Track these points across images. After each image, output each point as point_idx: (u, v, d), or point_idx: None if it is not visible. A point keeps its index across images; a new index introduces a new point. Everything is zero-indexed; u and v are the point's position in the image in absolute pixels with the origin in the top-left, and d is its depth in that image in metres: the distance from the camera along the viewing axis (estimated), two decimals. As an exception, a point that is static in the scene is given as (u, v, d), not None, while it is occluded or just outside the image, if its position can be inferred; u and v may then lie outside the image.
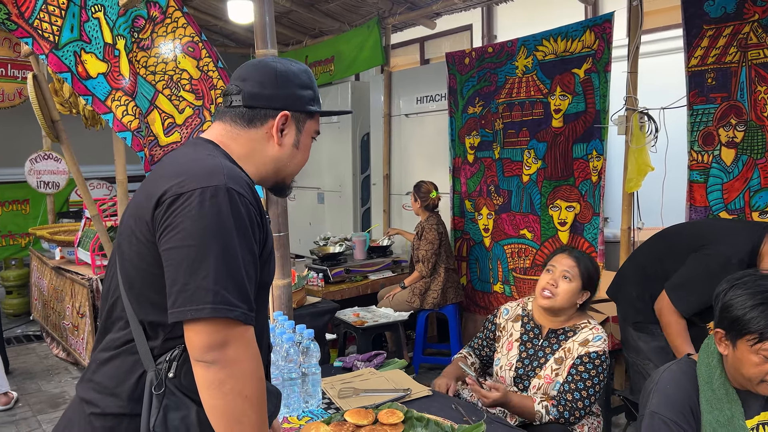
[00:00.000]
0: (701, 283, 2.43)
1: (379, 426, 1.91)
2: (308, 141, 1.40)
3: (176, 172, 1.20)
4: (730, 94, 3.23)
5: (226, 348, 1.11)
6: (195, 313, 1.10)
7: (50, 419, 3.85)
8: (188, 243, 1.12)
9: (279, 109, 1.33)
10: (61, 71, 2.15)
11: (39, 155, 5.78)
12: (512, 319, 2.45)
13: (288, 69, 1.36)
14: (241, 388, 1.13)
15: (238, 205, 1.16)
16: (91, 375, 1.25)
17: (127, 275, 1.22)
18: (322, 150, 6.28)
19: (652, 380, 1.66)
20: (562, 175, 3.99)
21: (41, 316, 5.44)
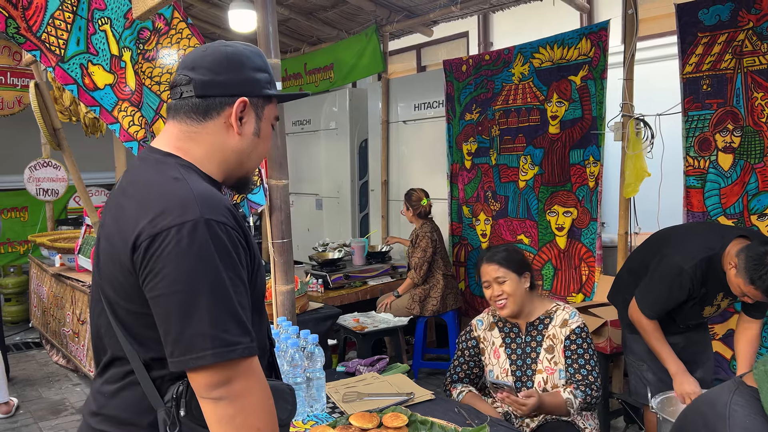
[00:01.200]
0: (660, 290, 2.55)
1: (384, 429, 1.93)
2: (269, 128, 1.31)
3: (145, 206, 1.12)
4: (726, 101, 3.28)
5: (231, 384, 1.08)
6: (196, 361, 1.06)
7: (51, 426, 3.86)
8: (175, 289, 1.06)
9: (236, 95, 1.23)
10: (67, 83, 2.18)
11: (38, 162, 5.80)
12: (488, 328, 2.47)
13: (240, 51, 1.25)
14: (252, 421, 1.10)
15: (219, 236, 1.09)
16: (100, 409, 1.22)
17: (120, 320, 1.16)
18: (321, 156, 6.32)
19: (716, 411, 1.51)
20: (559, 180, 4.03)
21: (41, 323, 5.44)
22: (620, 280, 2.98)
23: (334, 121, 6.18)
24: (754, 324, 2.61)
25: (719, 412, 1.49)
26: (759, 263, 2.22)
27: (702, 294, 2.54)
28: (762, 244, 2.30)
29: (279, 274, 2.44)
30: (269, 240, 2.45)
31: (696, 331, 2.79)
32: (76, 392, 4.44)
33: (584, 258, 3.95)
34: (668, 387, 2.71)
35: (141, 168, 1.24)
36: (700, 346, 2.81)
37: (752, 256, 2.26)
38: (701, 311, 2.65)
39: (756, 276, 2.23)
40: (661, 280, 2.57)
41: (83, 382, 4.62)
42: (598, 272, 3.88)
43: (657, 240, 2.83)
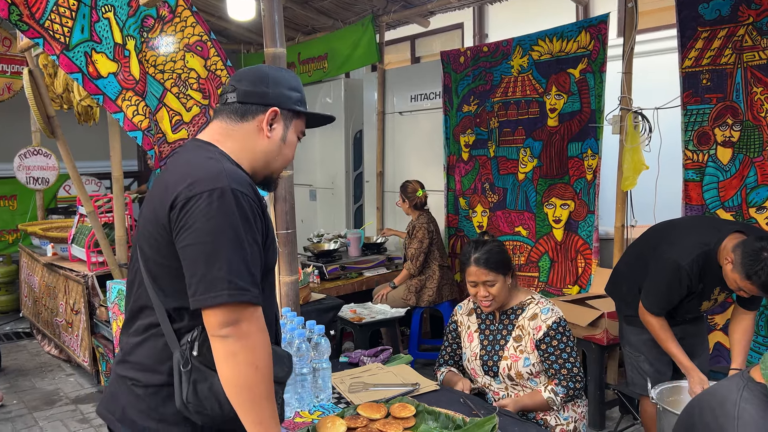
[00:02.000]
0: (662, 287, 2.59)
1: (392, 420, 1.94)
2: (294, 138, 1.55)
3: (183, 178, 1.35)
4: (725, 95, 3.30)
5: (239, 324, 1.29)
6: (214, 299, 1.27)
7: (46, 416, 3.83)
8: (202, 240, 1.29)
9: (269, 105, 1.48)
10: (72, 72, 2.15)
11: (28, 151, 5.72)
12: (467, 313, 2.54)
13: (279, 74, 1.54)
14: (253, 359, 1.30)
15: (241, 203, 1.31)
16: (126, 356, 1.44)
17: (150, 272, 1.39)
18: (315, 146, 6.28)
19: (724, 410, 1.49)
20: (558, 173, 4.04)
21: (31, 313, 5.38)
22: (617, 273, 3.01)
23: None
24: (748, 315, 2.65)
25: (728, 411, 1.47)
26: (755, 259, 2.25)
27: (699, 289, 2.57)
28: (758, 239, 2.32)
29: (283, 264, 2.43)
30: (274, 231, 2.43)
31: (693, 324, 2.82)
32: (70, 382, 4.41)
33: (581, 250, 3.97)
34: (665, 378, 2.74)
35: (183, 151, 1.51)
36: (697, 338, 2.85)
37: (748, 252, 2.28)
38: (699, 305, 2.68)
39: (752, 272, 2.26)
40: (661, 278, 2.60)
41: (77, 372, 4.58)
42: (595, 264, 3.91)
43: (654, 234, 2.85)
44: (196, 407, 1.33)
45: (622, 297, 2.89)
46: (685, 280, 2.51)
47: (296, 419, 2.03)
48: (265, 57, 2.33)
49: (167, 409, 1.38)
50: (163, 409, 1.38)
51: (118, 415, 1.42)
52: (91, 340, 4.17)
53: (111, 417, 1.45)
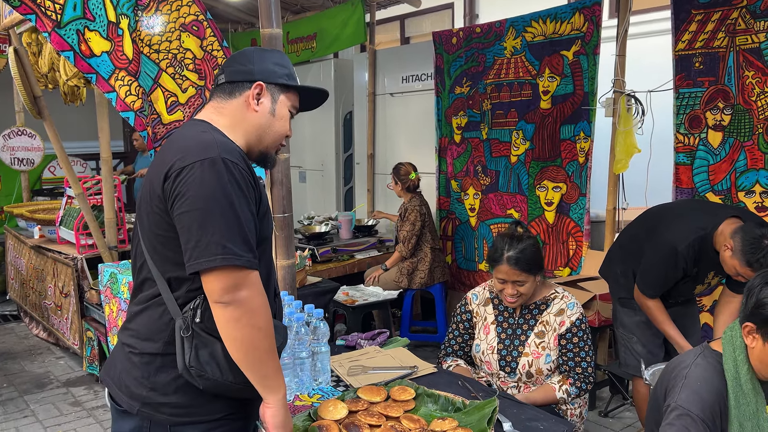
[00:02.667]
0: (657, 270, 2.63)
1: (392, 402, 1.95)
2: (284, 112, 1.58)
3: (176, 150, 1.40)
4: (717, 79, 3.31)
5: (238, 290, 1.34)
6: (208, 263, 1.32)
7: (37, 399, 3.81)
8: (196, 207, 1.33)
9: (254, 80, 1.53)
10: (64, 50, 2.10)
11: (12, 131, 5.62)
12: (482, 303, 2.47)
13: (264, 51, 1.60)
14: (255, 321, 1.36)
15: (233, 172, 1.36)
16: (128, 324, 1.51)
17: (149, 242, 1.45)
18: (304, 128, 6.23)
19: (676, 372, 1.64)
20: (550, 156, 4.05)
21: (19, 295, 5.33)
22: (612, 255, 3.04)
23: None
24: (735, 298, 2.68)
25: (680, 372, 1.65)
26: (756, 246, 2.28)
27: (694, 273, 2.60)
28: (758, 226, 2.35)
29: (280, 248, 2.42)
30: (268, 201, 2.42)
31: (684, 306, 2.87)
32: (60, 365, 4.39)
33: (572, 233, 4.00)
34: (657, 359, 2.79)
35: (178, 131, 1.57)
36: (690, 319, 2.89)
37: (749, 239, 2.31)
38: (693, 289, 2.72)
39: (753, 259, 2.29)
40: (657, 261, 2.63)
41: (66, 355, 4.56)
42: (586, 247, 3.94)
43: (650, 217, 2.87)
44: (197, 371, 1.38)
45: (615, 279, 2.92)
46: (681, 264, 2.54)
47: (296, 402, 2.04)
48: (261, 38, 2.30)
49: (159, 378, 1.42)
50: (155, 378, 1.43)
51: (116, 380, 1.48)
52: (81, 323, 4.14)
53: (110, 381, 1.51)
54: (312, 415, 1.85)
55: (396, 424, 1.80)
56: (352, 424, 1.77)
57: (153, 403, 1.42)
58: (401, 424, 1.80)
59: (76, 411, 3.65)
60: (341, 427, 1.77)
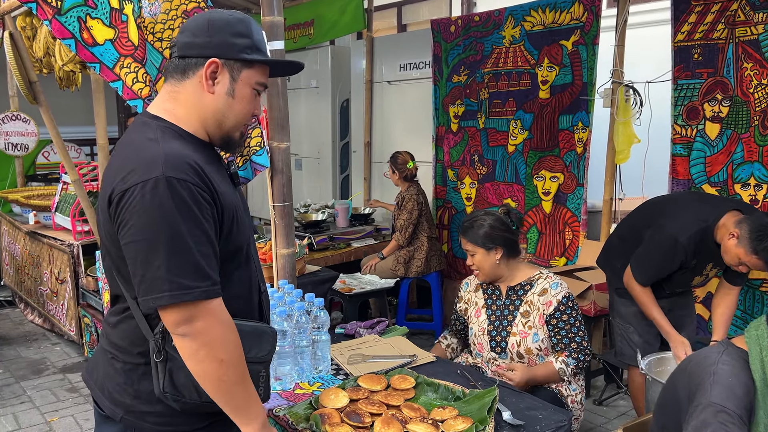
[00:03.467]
0: (655, 259, 2.64)
1: (392, 391, 1.97)
2: (246, 91, 1.39)
3: (121, 165, 1.28)
4: (716, 70, 3.32)
5: (193, 322, 1.24)
6: (155, 302, 1.22)
7: (34, 386, 3.82)
8: (138, 238, 1.22)
9: (209, 56, 1.34)
10: (65, 38, 2.07)
11: (6, 116, 5.57)
12: (473, 289, 2.59)
13: (222, 18, 1.36)
14: (215, 353, 1.26)
15: (178, 192, 1.22)
16: (108, 331, 1.43)
17: (114, 263, 1.34)
18: (300, 115, 6.21)
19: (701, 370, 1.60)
20: (548, 145, 4.06)
21: (14, 281, 5.31)
22: (610, 246, 3.05)
23: (315, 79, 6.06)
24: (733, 291, 2.72)
25: (707, 369, 1.58)
26: (763, 234, 2.30)
27: (693, 265, 2.62)
28: (765, 215, 2.38)
29: (280, 237, 2.42)
30: (270, 203, 2.42)
31: (681, 297, 2.89)
32: (56, 351, 4.39)
33: (569, 222, 4.01)
34: (653, 349, 2.81)
35: (130, 130, 1.40)
36: (685, 310, 2.92)
37: (756, 227, 2.33)
38: (690, 280, 2.75)
39: (760, 247, 2.31)
40: (656, 250, 2.64)
41: (62, 341, 4.56)
42: (582, 237, 3.96)
43: (649, 208, 2.89)
44: (174, 396, 1.31)
45: (613, 270, 2.94)
46: (679, 255, 2.56)
47: (297, 390, 2.05)
48: (262, 26, 2.28)
49: (142, 386, 1.35)
50: (138, 386, 1.36)
51: (99, 384, 1.42)
52: (78, 310, 4.13)
53: (92, 384, 1.45)
54: (313, 403, 1.87)
55: (397, 413, 1.82)
56: (353, 412, 1.79)
57: (137, 411, 1.35)
58: (402, 413, 1.82)
59: (73, 397, 3.66)
60: (342, 416, 1.79)
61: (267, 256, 2.77)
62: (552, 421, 1.86)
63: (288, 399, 1.99)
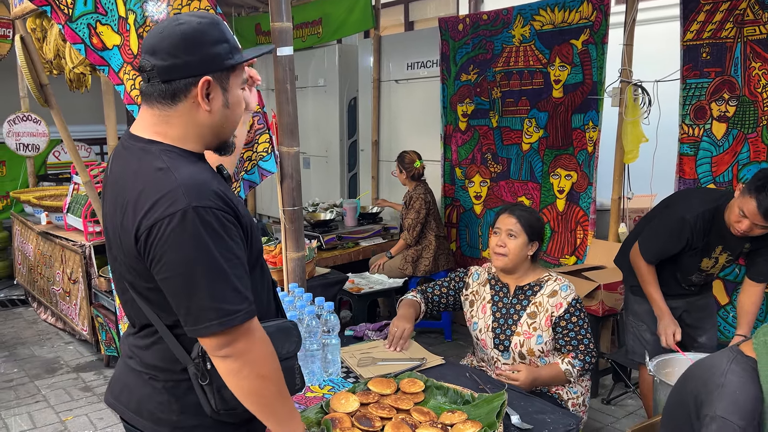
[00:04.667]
0: (661, 236, 2.69)
1: (402, 395, 1.99)
2: (237, 94, 1.37)
3: (138, 200, 1.24)
4: (724, 69, 3.31)
5: (235, 343, 1.26)
6: (206, 330, 1.24)
7: (48, 384, 3.87)
8: (176, 272, 1.22)
9: (198, 75, 1.28)
10: (75, 43, 2.12)
11: (18, 117, 5.62)
12: (482, 283, 2.56)
13: (194, 29, 1.27)
14: (258, 370, 1.29)
15: (207, 220, 1.22)
16: (140, 355, 1.40)
17: (143, 296, 1.33)
18: (308, 113, 6.23)
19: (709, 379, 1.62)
20: (563, 144, 4.06)
21: (26, 281, 5.38)
22: (627, 245, 3.05)
23: (323, 78, 6.08)
24: (758, 287, 2.72)
25: (715, 380, 1.58)
26: (762, 177, 2.35)
27: (702, 245, 2.64)
28: None
29: (290, 241, 2.44)
30: (280, 207, 2.44)
31: (699, 296, 2.88)
32: (69, 350, 4.44)
33: (580, 221, 4.02)
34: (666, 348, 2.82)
35: (127, 157, 1.34)
36: (704, 312, 2.90)
37: (757, 175, 2.39)
38: (699, 262, 2.73)
39: (754, 186, 2.35)
40: (662, 227, 2.68)
41: (75, 340, 4.61)
42: (591, 235, 3.97)
43: (664, 202, 2.92)
44: (227, 412, 1.33)
45: (629, 268, 2.94)
46: (686, 233, 2.58)
47: (307, 394, 2.08)
48: (271, 32, 2.30)
49: (188, 400, 1.36)
50: (184, 401, 1.36)
51: (133, 406, 1.40)
52: (90, 310, 4.18)
53: (123, 408, 1.43)
54: (324, 408, 1.89)
55: (406, 417, 1.84)
56: (363, 416, 1.81)
57: (184, 426, 1.36)
58: (411, 417, 1.84)
59: (87, 396, 3.71)
60: (353, 420, 1.81)
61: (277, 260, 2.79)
62: (560, 425, 1.87)
63: (299, 402, 2.02)
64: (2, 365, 4.17)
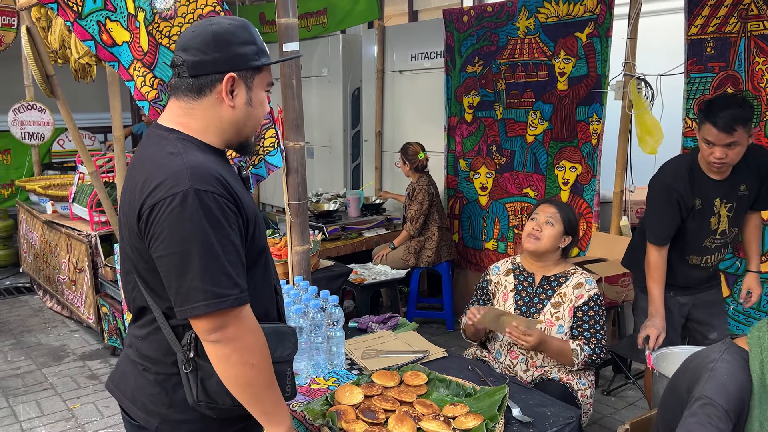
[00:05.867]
0: (655, 210, 2.69)
1: (405, 387, 2.02)
2: (261, 95, 1.44)
3: (146, 179, 1.30)
4: (728, 64, 3.32)
5: (225, 328, 1.28)
6: (192, 311, 1.26)
7: (55, 372, 3.92)
8: (171, 250, 1.26)
9: (224, 72, 1.35)
10: (85, 39, 2.14)
11: (22, 105, 5.64)
12: (503, 273, 2.61)
13: (225, 29, 1.36)
14: (246, 358, 1.30)
15: (207, 203, 1.26)
16: (134, 344, 1.45)
17: (142, 277, 1.38)
18: (312, 103, 6.24)
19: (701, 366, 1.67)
20: (568, 136, 4.07)
21: (32, 269, 5.42)
22: (634, 245, 3.03)
23: (327, 68, 6.08)
24: (755, 214, 2.80)
25: (706, 365, 1.66)
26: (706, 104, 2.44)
27: (699, 206, 2.61)
28: None
29: (295, 234, 2.47)
30: (285, 201, 2.47)
31: (707, 293, 2.87)
32: (75, 338, 4.49)
33: (584, 213, 4.04)
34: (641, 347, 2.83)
35: (147, 143, 1.43)
36: (714, 308, 2.88)
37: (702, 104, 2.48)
38: (708, 226, 2.68)
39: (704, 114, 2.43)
40: (652, 203, 2.70)
41: (80, 328, 4.66)
42: (595, 228, 3.99)
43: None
44: (208, 404, 1.35)
45: (639, 267, 2.93)
46: (673, 194, 2.58)
47: (312, 386, 2.12)
48: (277, 28, 2.32)
49: (177, 395, 1.39)
50: (173, 395, 1.39)
51: (129, 395, 1.45)
52: (96, 299, 4.23)
53: (121, 395, 1.47)
54: (329, 400, 1.93)
55: (410, 409, 1.88)
56: (368, 409, 1.85)
57: (172, 420, 1.39)
58: (414, 409, 1.88)
59: (93, 384, 3.76)
60: (357, 412, 1.85)
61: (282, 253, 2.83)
62: (560, 417, 1.91)
63: (304, 394, 2.06)
64: (9, 353, 4.22)
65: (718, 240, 2.73)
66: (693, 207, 2.61)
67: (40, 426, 3.29)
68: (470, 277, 4.84)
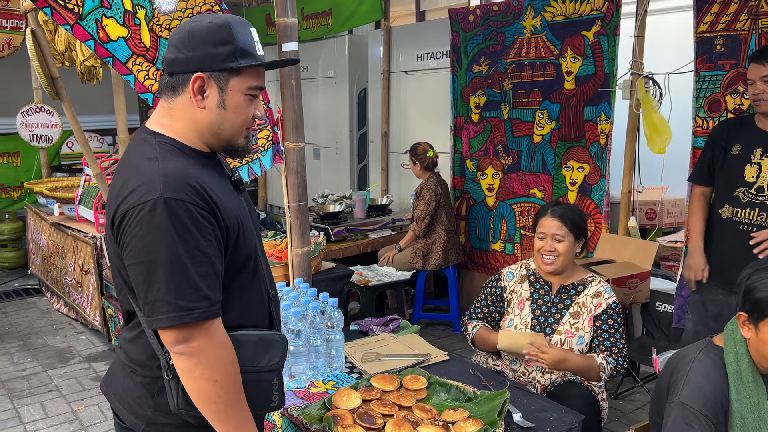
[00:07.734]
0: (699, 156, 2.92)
1: (404, 391, 1.99)
2: (238, 99, 1.35)
3: (123, 185, 1.28)
4: (738, 62, 3.25)
5: (190, 341, 1.26)
6: (156, 323, 1.25)
7: (61, 374, 3.93)
8: (138, 260, 1.24)
9: (193, 71, 1.31)
10: (86, 40, 2.14)
11: (31, 108, 5.67)
12: (518, 281, 2.52)
13: (203, 27, 1.32)
14: (210, 374, 1.27)
15: (177, 212, 1.22)
16: (126, 348, 1.44)
17: (125, 282, 1.35)
18: (318, 104, 6.23)
19: (679, 367, 1.69)
20: (575, 136, 4.02)
21: (40, 270, 5.45)
22: None
23: (333, 69, 6.07)
24: None
25: (683, 366, 1.70)
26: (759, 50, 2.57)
27: (737, 152, 2.71)
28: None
29: (295, 236, 2.45)
30: (285, 202, 2.45)
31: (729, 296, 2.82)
32: (82, 340, 4.50)
33: (592, 214, 3.99)
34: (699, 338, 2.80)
35: (131, 147, 1.41)
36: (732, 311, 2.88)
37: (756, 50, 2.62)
38: (742, 173, 2.70)
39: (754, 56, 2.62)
40: None
41: (87, 330, 4.67)
42: (605, 229, 3.94)
43: None
44: (188, 412, 1.32)
45: None
46: (710, 136, 2.82)
47: (311, 389, 2.09)
48: (276, 28, 2.30)
49: (161, 399, 1.37)
50: (158, 399, 1.38)
51: (119, 396, 1.44)
52: (101, 301, 4.23)
53: (112, 397, 1.47)
54: (327, 404, 1.90)
55: (408, 414, 1.84)
56: (365, 413, 1.82)
57: (157, 423, 1.38)
58: (413, 414, 1.85)
59: (97, 386, 3.75)
60: (355, 417, 1.82)
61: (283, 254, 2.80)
62: (562, 422, 1.87)
63: (302, 397, 2.03)
64: (16, 354, 4.23)
65: (752, 195, 2.69)
66: (728, 150, 2.72)
67: (43, 428, 3.29)
68: (477, 279, 4.80)
